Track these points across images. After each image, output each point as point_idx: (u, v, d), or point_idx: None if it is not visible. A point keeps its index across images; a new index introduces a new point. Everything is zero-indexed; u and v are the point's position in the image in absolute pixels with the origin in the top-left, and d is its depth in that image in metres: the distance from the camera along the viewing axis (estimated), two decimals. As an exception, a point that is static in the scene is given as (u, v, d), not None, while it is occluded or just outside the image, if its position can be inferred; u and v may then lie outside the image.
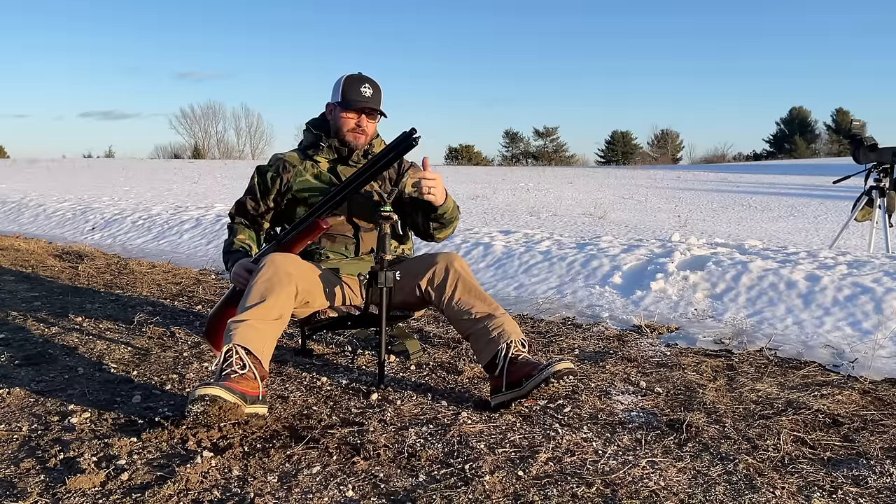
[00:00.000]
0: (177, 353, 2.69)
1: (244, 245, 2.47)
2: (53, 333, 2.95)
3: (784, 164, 32.63)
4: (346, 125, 2.43)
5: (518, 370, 2.05)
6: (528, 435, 1.90)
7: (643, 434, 1.92)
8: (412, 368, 2.51)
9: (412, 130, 2.17)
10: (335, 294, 2.35)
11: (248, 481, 1.63)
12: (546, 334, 3.02)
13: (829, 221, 9.16)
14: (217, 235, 5.92)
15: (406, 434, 1.91)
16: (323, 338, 2.90)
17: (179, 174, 20.46)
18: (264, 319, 2.06)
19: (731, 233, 7.74)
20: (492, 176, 21.80)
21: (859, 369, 2.47)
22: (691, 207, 11.11)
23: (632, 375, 2.44)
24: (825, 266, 3.56)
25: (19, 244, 5.73)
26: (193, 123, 53.65)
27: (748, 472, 1.69)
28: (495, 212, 9.86)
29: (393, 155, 2.20)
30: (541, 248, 4.44)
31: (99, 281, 4.23)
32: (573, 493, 1.58)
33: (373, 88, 2.43)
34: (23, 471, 1.69)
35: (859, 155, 4.69)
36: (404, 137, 2.18)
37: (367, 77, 2.46)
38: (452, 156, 53.31)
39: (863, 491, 1.61)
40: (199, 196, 11.45)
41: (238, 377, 1.92)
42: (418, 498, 1.56)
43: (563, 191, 14.91)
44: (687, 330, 3.04)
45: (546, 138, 57.25)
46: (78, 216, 7.49)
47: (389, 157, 2.20)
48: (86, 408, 2.10)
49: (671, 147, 55.04)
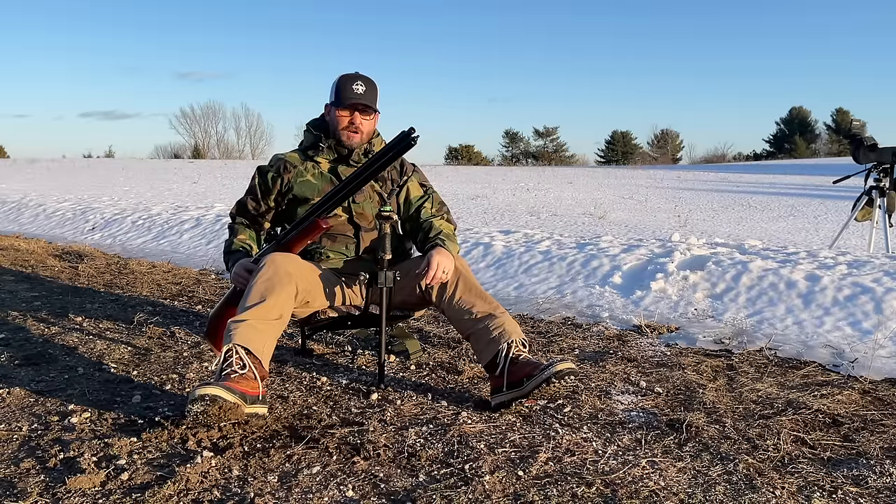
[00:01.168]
0: (177, 353, 2.69)
1: (244, 245, 2.47)
2: (53, 333, 2.95)
3: (784, 164, 32.62)
4: (341, 123, 2.43)
5: (519, 370, 2.05)
6: (528, 435, 1.90)
7: (643, 434, 1.92)
8: (412, 368, 2.51)
9: (411, 130, 2.17)
10: (335, 294, 2.35)
11: (248, 481, 1.63)
12: (546, 334, 3.02)
13: (829, 221, 9.16)
14: (217, 235, 5.92)
15: (406, 434, 1.91)
16: (323, 338, 2.90)
17: (179, 174, 20.46)
18: (264, 319, 2.06)
19: (731, 233, 7.74)
20: (492, 176, 21.80)
21: (859, 369, 2.47)
22: (691, 207, 11.11)
23: (632, 375, 2.44)
24: (825, 266, 3.56)
25: (19, 244, 5.73)
26: (193, 123, 53.65)
27: (748, 472, 1.69)
28: (495, 212, 9.86)
29: (392, 154, 2.20)
30: (541, 248, 4.44)
31: (99, 281, 4.23)
32: (573, 493, 1.58)
33: (366, 85, 2.43)
34: (23, 471, 1.69)
35: (859, 155, 4.69)
36: (402, 137, 2.18)
37: (361, 75, 2.46)
38: (452, 156, 53.29)
39: (863, 491, 1.61)
40: (199, 196, 11.45)
41: (238, 377, 1.92)
42: (418, 498, 1.56)
43: (563, 191, 14.91)
44: (687, 330, 3.04)
45: (546, 138, 57.25)
46: (78, 216, 7.49)
47: (388, 156, 2.20)
48: (86, 408, 2.10)
49: (671, 147, 55.03)
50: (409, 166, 2.57)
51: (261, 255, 2.35)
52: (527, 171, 29.41)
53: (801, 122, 51.94)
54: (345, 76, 2.45)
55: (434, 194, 2.56)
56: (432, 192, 2.56)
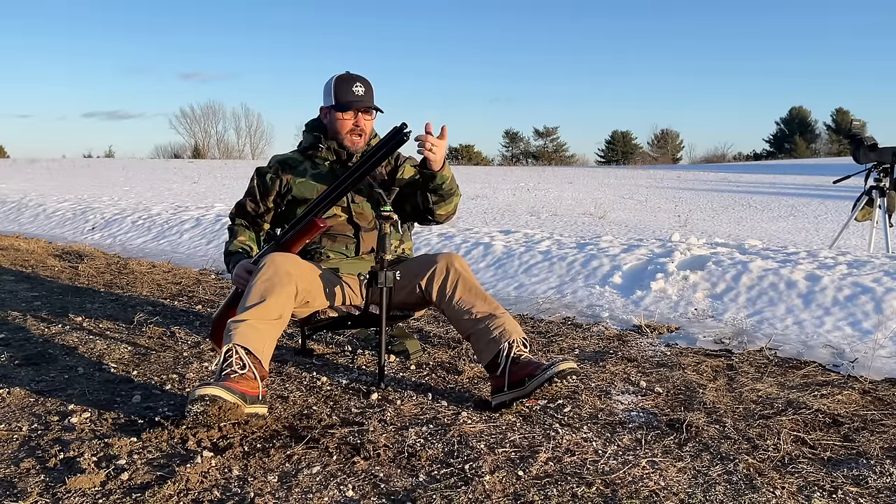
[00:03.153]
0: (177, 353, 2.69)
1: (244, 246, 2.47)
2: (53, 333, 2.95)
3: (784, 163, 32.60)
4: (344, 127, 2.42)
5: (520, 370, 2.05)
6: (528, 435, 1.90)
7: (643, 434, 1.92)
8: (412, 368, 2.51)
9: (403, 125, 2.17)
10: (335, 294, 2.35)
11: (248, 481, 1.63)
12: (546, 334, 3.02)
13: (829, 221, 9.16)
14: (217, 235, 5.92)
15: (406, 434, 1.91)
16: (323, 338, 2.90)
17: (179, 174, 20.46)
18: (264, 319, 2.06)
19: (732, 232, 7.74)
20: (492, 176, 21.80)
21: (859, 369, 2.47)
22: (691, 207, 11.12)
23: (632, 375, 2.44)
24: (825, 266, 3.56)
25: (19, 244, 5.73)
26: (193, 123, 53.56)
27: (748, 472, 1.69)
28: (495, 212, 9.86)
29: (385, 151, 2.20)
30: (541, 248, 4.44)
31: (99, 281, 4.23)
32: (573, 493, 1.58)
33: (364, 86, 2.42)
34: (23, 471, 1.69)
35: (859, 155, 4.69)
36: (395, 132, 2.17)
37: (356, 75, 2.45)
38: (452, 156, 53.25)
39: (863, 491, 1.61)
40: (199, 196, 11.45)
41: (238, 377, 1.92)
42: (418, 498, 1.56)
43: (563, 191, 14.90)
44: (687, 330, 3.04)
45: (546, 138, 57.23)
46: (78, 216, 7.49)
47: (382, 152, 2.20)
48: (86, 408, 2.10)
49: (671, 147, 54.99)
50: (402, 157, 2.58)
51: (260, 255, 2.35)
52: (527, 171, 29.41)
53: (801, 122, 51.93)
54: (339, 77, 2.43)
55: None
56: None
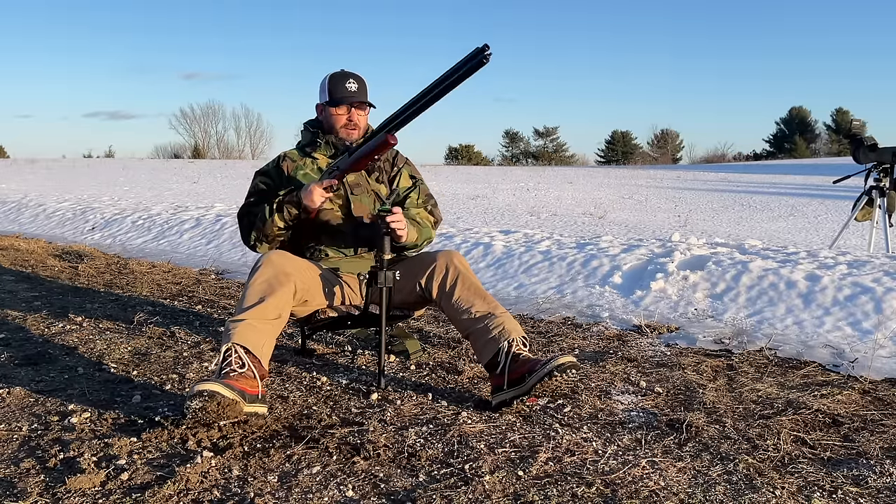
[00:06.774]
0: (177, 353, 2.69)
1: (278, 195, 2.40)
2: (53, 333, 2.95)
3: (784, 163, 32.58)
4: (339, 122, 2.47)
5: (520, 367, 2.05)
6: (528, 435, 1.90)
7: (643, 434, 1.92)
8: (412, 368, 2.51)
9: (485, 46, 2.01)
10: (334, 293, 2.35)
11: (248, 481, 1.63)
12: (546, 334, 3.02)
13: (829, 221, 9.16)
14: (217, 235, 5.92)
15: (406, 434, 1.91)
16: (323, 338, 2.90)
17: (179, 174, 20.46)
18: (263, 319, 2.06)
19: (732, 232, 7.74)
20: (492, 176, 21.80)
21: (859, 369, 2.47)
22: (691, 207, 11.12)
23: (632, 375, 2.44)
24: (825, 266, 3.56)
25: (19, 244, 5.73)
26: (193, 123, 53.47)
27: (748, 472, 1.69)
28: (495, 212, 9.86)
29: (464, 71, 2.04)
30: (541, 248, 4.44)
31: (99, 281, 4.23)
32: (573, 493, 1.58)
33: (357, 82, 2.49)
34: (23, 471, 1.69)
35: (859, 155, 4.69)
36: (476, 53, 2.02)
37: (350, 72, 2.51)
38: (452, 155, 53.25)
39: (863, 491, 1.61)
40: (199, 196, 11.45)
41: (237, 375, 1.92)
42: (418, 498, 1.56)
43: (563, 191, 14.91)
44: (687, 330, 3.04)
45: (546, 138, 57.21)
46: (78, 216, 7.49)
47: (461, 72, 2.05)
48: (86, 408, 2.10)
49: (671, 147, 54.99)
50: (401, 158, 2.63)
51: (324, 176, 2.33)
52: (527, 170, 29.41)
53: (801, 122, 51.93)
54: (334, 75, 2.50)
55: (422, 186, 2.61)
56: (420, 184, 2.61)
